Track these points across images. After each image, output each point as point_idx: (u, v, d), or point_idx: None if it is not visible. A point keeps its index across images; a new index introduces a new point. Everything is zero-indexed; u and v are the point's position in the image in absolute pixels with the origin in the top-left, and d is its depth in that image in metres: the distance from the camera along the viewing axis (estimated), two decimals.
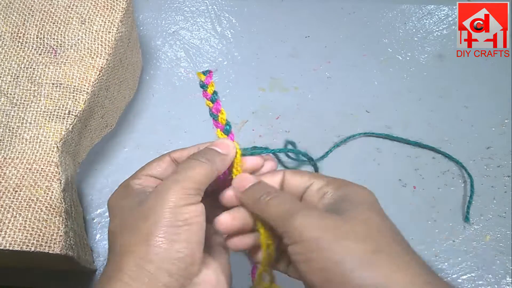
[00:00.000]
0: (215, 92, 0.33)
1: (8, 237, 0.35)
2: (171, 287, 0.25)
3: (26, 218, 0.37)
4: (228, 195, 0.30)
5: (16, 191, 0.38)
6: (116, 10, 0.46)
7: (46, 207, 0.38)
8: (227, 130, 0.33)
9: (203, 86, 0.33)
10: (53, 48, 0.44)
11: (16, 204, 0.37)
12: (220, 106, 0.34)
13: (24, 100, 0.42)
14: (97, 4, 0.46)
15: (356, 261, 0.23)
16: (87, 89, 0.43)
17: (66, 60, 0.44)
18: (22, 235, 0.36)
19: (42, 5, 0.45)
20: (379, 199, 0.29)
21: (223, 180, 0.32)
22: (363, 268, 0.23)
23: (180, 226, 0.26)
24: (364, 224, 0.25)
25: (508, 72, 0.62)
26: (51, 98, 0.42)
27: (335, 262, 0.23)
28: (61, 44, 0.44)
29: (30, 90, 0.43)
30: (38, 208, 0.37)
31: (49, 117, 0.42)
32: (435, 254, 0.49)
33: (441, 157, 0.56)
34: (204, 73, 0.33)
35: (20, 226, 0.36)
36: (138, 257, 0.26)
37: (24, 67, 0.43)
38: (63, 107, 0.42)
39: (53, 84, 0.43)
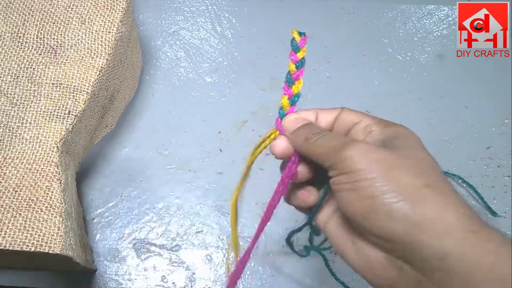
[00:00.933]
0: (303, 59, 0.31)
1: (8, 237, 0.35)
2: None
3: (26, 218, 0.37)
4: (278, 144, 0.30)
5: (16, 191, 0.38)
6: (116, 10, 0.46)
7: (46, 207, 0.38)
8: (294, 100, 0.32)
9: (296, 47, 0.30)
10: (53, 48, 0.44)
11: (16, 204, 0.37)
12: (302, 75, 0.32)
13: (24, 100, 0.42)
14: (97, 4, 0.46)
15: (406, 193, 0.23)
16: (87, 89, 0.43)
17: (66, 60, 0.44)
18: (22, 235, 0.36)
19: (42, 5, 0.45)
20: None
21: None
22: (412, 201, 0.23)
23: None
24: (415, 159, 0.25)
25: (508, 72, 0.62)
26: (51, 98, 0.42)
27: (383, 191, 0.23)
28: (61, 44, 0.44)
29: (30, 90, 0.43)
30: (38, 208, 0.37)
31: (49, 117, 0.42)
32: None
33: (441, 157, 0.56)
34: (300, 33, 0.30)
35: (20, 226, 0.36)
36: None
37: (24, 67, 0.43)
38: (63, 107, 0.42)
39: (53, 84, 0.43)
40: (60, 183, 0.39)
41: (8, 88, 0.42)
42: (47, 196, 0.38)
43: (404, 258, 0.23)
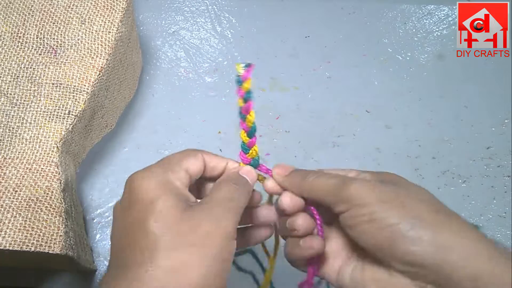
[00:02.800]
0: (249, 91, 0.30)
1: (8, 237, 0.35)
2: None
3: (26, 218, 0.37)
4: (270, 184, 0.30)
5: (16, 191, 0.38)
6: (116, 10, 0.46)
7: (46, 207, 0.38)
8: (251, 133, 0.31)
9: (239, 81, 0.29)
10: (53, 48, 0.44)
11: (16, 204, 0.37)
12: (251, 107, 0.31)
13: (24, 100, 0.42)
14: (97, 4, 0.46)
15: (423, 218, 0.23)
16: (87, 89, 0.43)
17: (66, 60, 0.44)
18: (22, 235, 0.36)
19: (42, 5, 0.45)
20: None
21: None
22: (432, 225, 0.23)
23: (228, 261, 0.25)
24: (416, 190, 0.26)
25: (508, 72, 0.62)
26: (51, 98, 0.42)
27: (401, 219, 0.23)
28: (61, 44, 0.44)
29: (30, 90, 0.43)
30: (38, 208, 0.37)
31: (49, 117, 0.42)
32: None
33: (441, 157, 0.56)
34: (245, 66, 0.29)
35: (20, 226, 0.36)
36: (191, 279, 0.23)
37: (24, 67, 0.43)
38: (63, 107, 0.42)
39: (53, 84, 0.43)
40: (60, 183, 0.39)
41: (8, 88, 0.42)
42: (47, 196, 0.38)
43: (435, 282, 0.23)
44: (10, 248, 0.35)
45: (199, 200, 0.27)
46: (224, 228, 0.25)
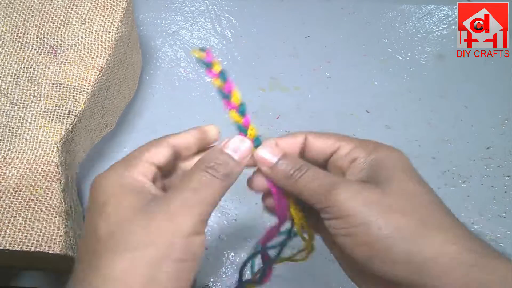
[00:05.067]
0: (222, 71, 0.28)
1: (8, 237, 0.35)
2: None
3: (26, 218, 0.37)
4: (257, 180, 0.28)
5: (16, 191, 0.38)
6: (116, 10, 0.46)
7: (46, 207, 0.38)
8: (242, 111, 0.29)
9: (207, 64, 0.27)
10: (53, 48, 0.44)
11: (16, 204, 0.37)
12: (233, 85, 0.28)
13: (24, 100, 0.42)
14: (97, 4, 0.46)
15: (402, 235, 0.22)
16: (87, 89, 0.43)
17: (66, 60, 0.44)
18: (22, 235, 0.36)
19: (42, 5, 0.45)
20: None
21: None
22: (410, 243, 0.22)
23: (185, 260, 0.22)
24: (407, 195, 0.24)
25: (508, 72, 0.62)
26: (51, 98, 0.42)
27: (379, 237, 0.23)
28: (61, 44, 0.44)
29: (30, 90, 0.43)
30: (38, 208, 0.37)
31: (49, 117, 0.42)
32: None
33: (441, 157, 0.56)
34: (201, 50, 0.27)
35: (20, 226, 0.36)
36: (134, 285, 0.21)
37: (24, 67, 0.43)
38: (63, 107, 0.42)
39: (53, 84, 0.43)
40: (60, 183, 0.39)
41: (8, 88, 0.42)
42: (47, 196, 0.38)
43: None
44: (10, 248, 0.35)
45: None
46: (179, 225, 0.22)
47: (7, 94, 0.42)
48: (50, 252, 0.36)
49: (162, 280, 0.21)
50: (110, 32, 0.45)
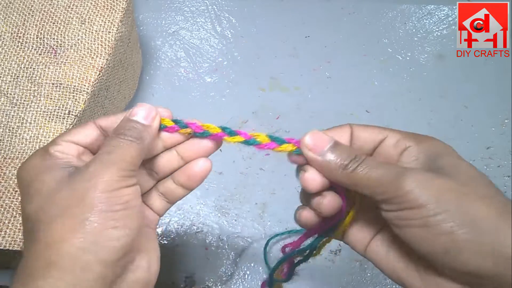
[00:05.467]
0: (177, 121, 0.30)
1: (8, 237, 0.35)
2: (106, 278, 0.23)
3: None
4: (311, 178, 0.26)
5: (16, 191, 0.38)
6: (116, 10, 0.46)
7: None
8: (230, 132, 0.31)
9: (182, 125, 0.30)
10: (53, 48, 0.44)
11: (16, 204, 0.37)
12: (196, 123, 0.30)
13: (24, 100, 0.42)
14: (97, 4, 0.46)
15: (484, 225, 0.21)
16: (87, 89, 0.43)
17: (66, 60, 0.44)
18: (22, 235, 0.36)
19: (42, 5, 0.45)
20: None
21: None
22: (494, 233, 0.21)
23: (117, 211, 0.24)
24: (473, 182, 0.23)
25: (508, 72, 0.62)
26: (51, 98, 0.42)
27: (460, 226, 0.21)
28: (61, 44, 0.44)
29: (30, 90, 0.43)
30: None
31: (49, 117, 0.42)
32: None
33: None
34: (174, 121, 0.30)
35: (20, 226, 0.36)
36: (74, 246, 0.22)
37: (24, 67, 0.43)
38: (63, 107, 0.42)
39: (53, 84, 0.43)
40: None
41: (8, 88, 0.42)
42: None
43: None
44: (10, 248, 0.35)
45: None
46: (99, 182, 0.23)
47: (7, 94, 0.42)
48: None
49: (96, 230, 0.23)
50: (110, 32, 0.45)
